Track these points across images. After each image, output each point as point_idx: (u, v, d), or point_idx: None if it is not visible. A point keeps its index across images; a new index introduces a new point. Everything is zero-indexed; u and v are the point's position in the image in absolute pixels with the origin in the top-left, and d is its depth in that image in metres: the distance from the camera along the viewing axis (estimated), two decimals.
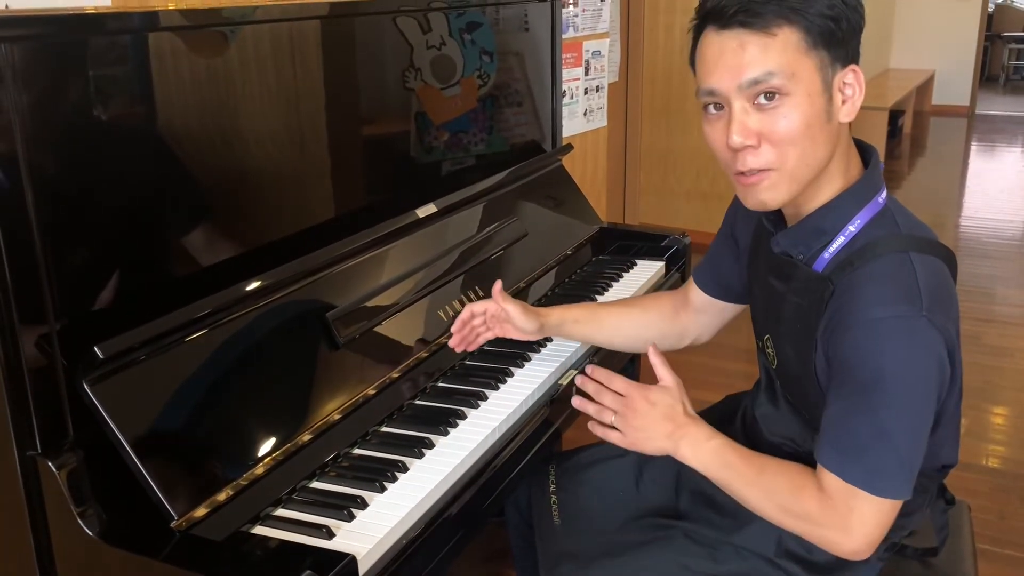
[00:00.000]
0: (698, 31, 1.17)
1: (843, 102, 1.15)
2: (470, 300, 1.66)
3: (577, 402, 1.32)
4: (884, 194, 1.20)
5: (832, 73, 1.13)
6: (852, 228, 1.17)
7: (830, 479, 1.12)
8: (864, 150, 1.24)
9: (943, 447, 1.24)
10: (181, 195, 1.26)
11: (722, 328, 1.57)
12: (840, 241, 1.17)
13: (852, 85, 1.15)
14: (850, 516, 1.11)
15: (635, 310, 1.58)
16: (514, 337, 1.54)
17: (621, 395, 1.28)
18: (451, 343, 1.54)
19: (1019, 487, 2.55)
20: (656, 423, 1.25)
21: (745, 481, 1.20)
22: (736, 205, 1.45)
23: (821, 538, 1.16)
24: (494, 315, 1.53)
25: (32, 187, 1.01)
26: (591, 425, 1.31)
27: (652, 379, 1.30)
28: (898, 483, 1.11)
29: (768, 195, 1.16)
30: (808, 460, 1.19)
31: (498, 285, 1.52)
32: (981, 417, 2.95)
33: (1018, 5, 10.25)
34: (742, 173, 1.15)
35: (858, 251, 1.15)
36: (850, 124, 1.19)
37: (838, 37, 1.12)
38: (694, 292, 1.53)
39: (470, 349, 1.56)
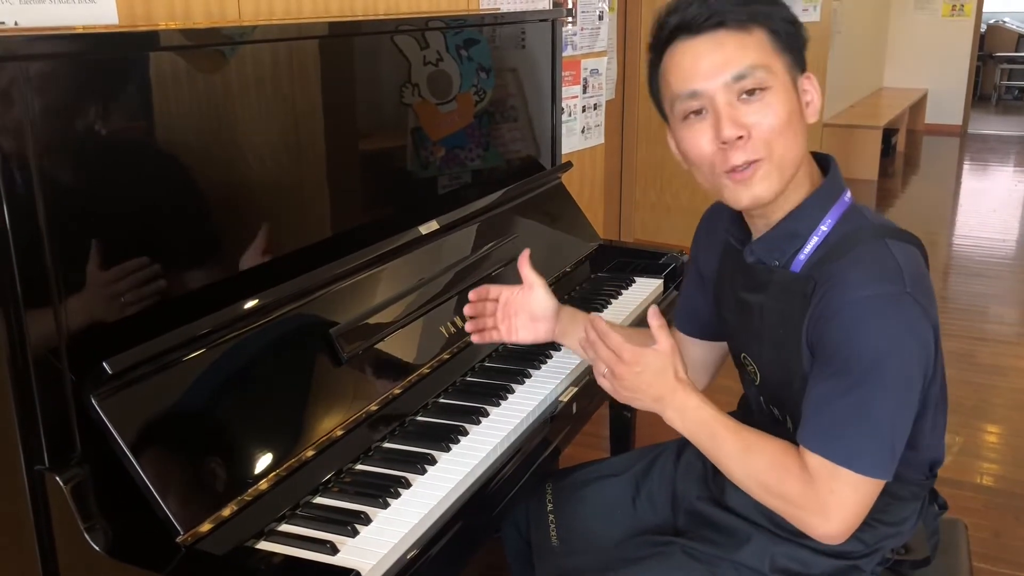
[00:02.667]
0: (663, 48, 1.20)
1: (806, 104, 1.21)
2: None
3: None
4: (848, 194, 1.24)
5: (796, 75, 1.19)
6: (824, 227, 1.20)
7: (812, 459, 1.13)
8: (820, 158, 1.28)
9: (929, 441, 1.24)
10: (188, 212, 1.27)
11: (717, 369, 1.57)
12: (814, 241, 1.20)
13: (810, 90, 1.21)
14: (830, 498, 1.12)
15: (642, 337, 1.57)
16: (521, 339, 1.52)
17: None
18: (466, 312, 1.54)
19: (1014, 505, 2.56)
20: (645, 385, 1.24)
21: (730, 455, 1.21)
22: (697, 239, 1.48)
23: (800, 519, 1.16)
24: (509, 303, 1.51)
25: (44, 202, 1.02)
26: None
27: None
28: (879, 461, 1.12)
29: (762, 186, 1.17)
30: None
31: (526, 253, 1.50)
32: (975, 435, 2.97)
33: (1010, 25, 10.34)
34: (733, 170, 1.16)
35: (834, 246, 1.18)
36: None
37: (796, 43, 1.19)
38: (678, 336, 1.54)
39: (477, 341, 1.54)
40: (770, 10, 1.17)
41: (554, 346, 1.70)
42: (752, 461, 1.19)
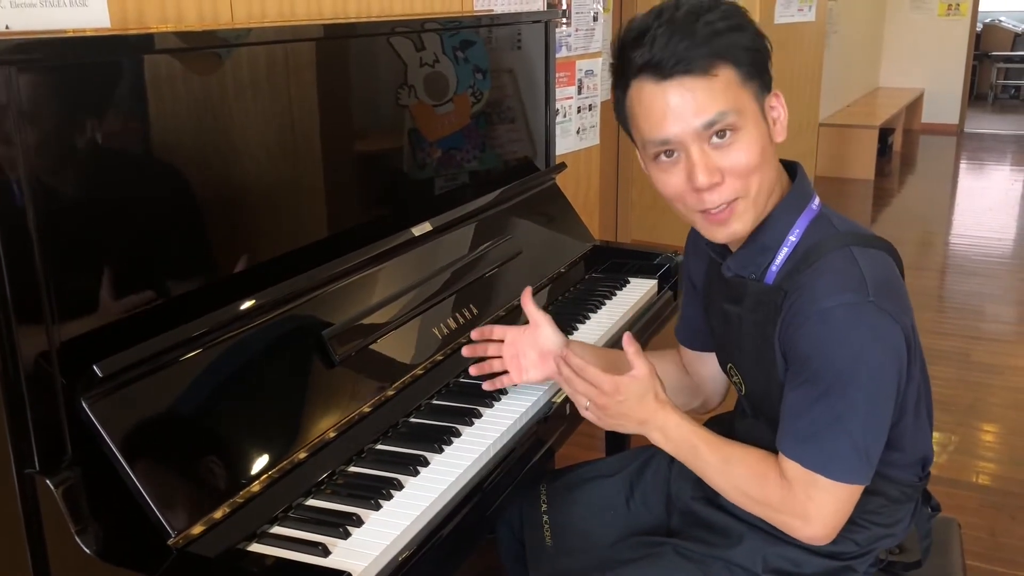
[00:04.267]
0: (627, 81, 1.18)
1: (773, 123, 1.20)
2: (464, 318, 1.67)
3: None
4: (816, 200, 1.25)
5: (762, 100, 1.18)
6: (792, 238, 1.22)
7: (790, 466, 1.16)
8: (788, 166, 1.28)
9: (914, 440, 1.25)
10: (179, 214, 1.27)
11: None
12: (784, 252, 1.22)
13: (777, 107, 1.21)
14: (808, 503, 1.15)
15: (619, 356, 1.52)
16: (532, 378, 1.46)
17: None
18: (464, 351, 1.51)
19: (1009, 504, 2.56)
20: (629, 411, 1.27)
21: (712, 468, 1.24)
22: (686, 252, 1.49)
23: (782, 523, 1.20)
24: (516, 344, 1.47)
25: (33, 206, 1.02)
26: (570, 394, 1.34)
27: None
28: (853, 467, 1.14)
29: (738, 225, 1.20)
30: None
31: (528, 291, 1.47)
32: (971, 434, 2.97)
33: (1006, 24, 10.35)
34: (707, 212, 1.18)
35: (802, 256, 1.19)
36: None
37: (761, 66, 1.17)
38: (682, 351, 1.54)
39: (488, 388, 1.50)
40: (732, 40, 1.13)
41: None
42: (732, 471, 1.22)
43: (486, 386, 1.51)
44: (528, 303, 1.46)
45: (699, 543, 1.34)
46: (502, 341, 1.50)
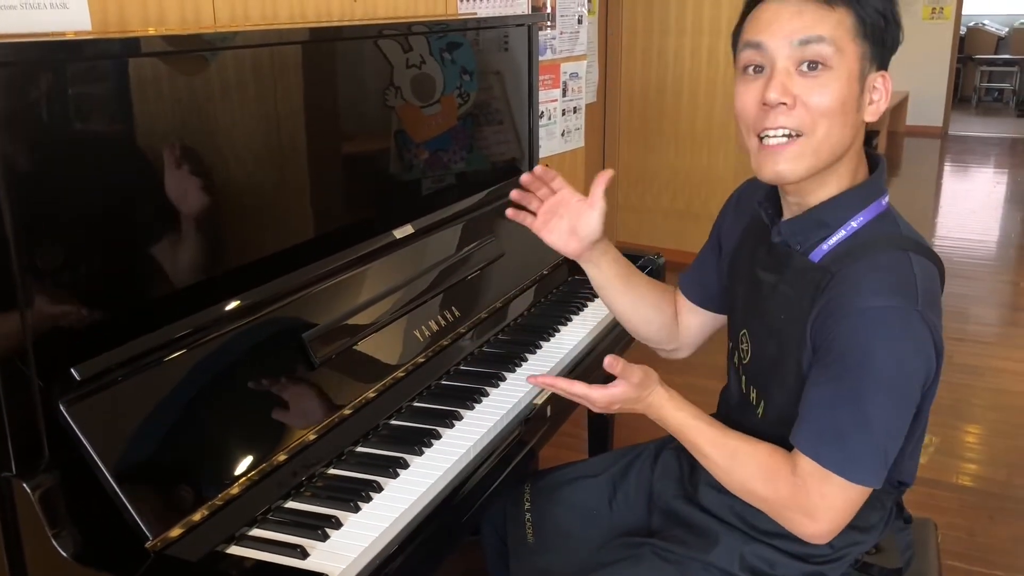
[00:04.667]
0: (754, 3, 1.20)
1: (870, 102, 1.19)
2: (446, 320, 1.68)
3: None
4: (887, 198, 1.24)
5: (869, 69, 1.17)
6: (854, 224, 1.20)
7: (805, 462, 1.14)
8: (872, 158, 1.27)
9: (903, 459, 1.26)
10: (160, 216, 1.27)
11: (699, 349, 1.59)
12: (841, 235, 1.20)
13: (880, 90, 1.20)
14: (820, 501, 1.14)
15: (656, 289, 1.54)
16: (550, 239, 1.42)
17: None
18: (522, 179, 1.45)
19: (988, 504, 2.59)
20: (625, 410, 1.30)
21: (714, 464, 1.24)
22: (725, 210, 1.48)
23: (787, 519, 1.18)
24: (564, 203, 1.42)
25: (10, 207, 1.02)
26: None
27: None
28: (872, 471, 1.13)
29: (788, 166, 1.17)
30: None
31: (609, 173, 1.41)
32: (951, 435, 2.99)
33: (989, 28, 10.43)
34: (768, 136, 1.16)
35: (859, 245, 1.18)
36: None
37: (882, 37, 1.17)
38: (679, 297, 1.55)
39: (510, 215, 1.45)
40: (873, 2, 1.15)
41: (529, 350, 1.71)
42: (739, 468, 1.22)
43: (509, 213, 1.45)
44: (601, 184, 1.40)
45: (678, 543, 1.35)
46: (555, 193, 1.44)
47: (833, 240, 1.20)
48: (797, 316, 1.20)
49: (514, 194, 1.46)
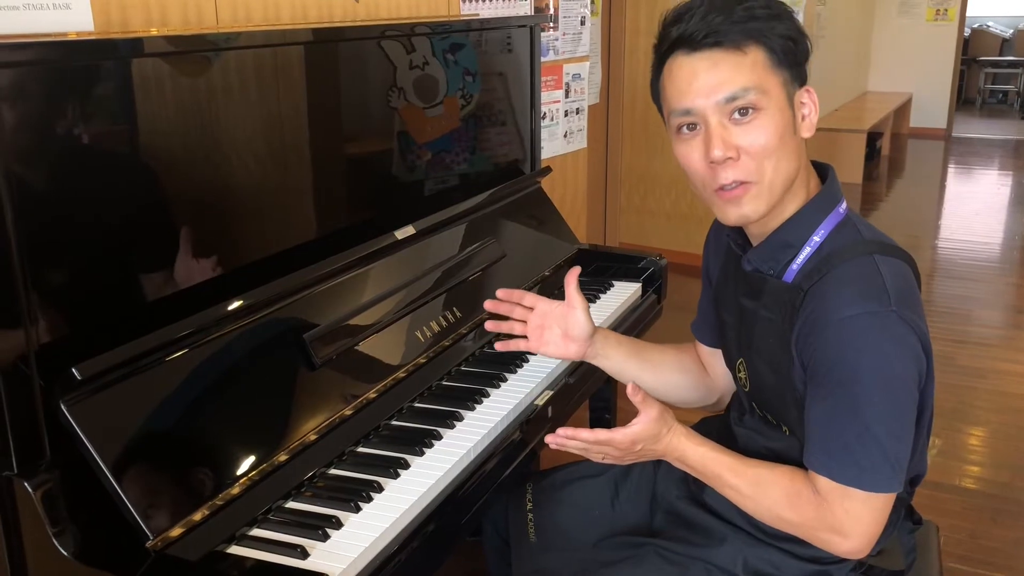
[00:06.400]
0: (663, 59, 1.22)
1: (802, 119, 1.21)
2: (448, 321, 1.68)
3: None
4: (844, 204, 1.25)
5: (793, 90, 1.19)
6: (816, 238, 1.21)
7: (822, 482, 1.15)
8: (820, 167, 1.29)
9: (915, 454, 1.25)
10: (162, 216, 1.27)
11: None
12: (806, 252, 1.21)
13: (808, 104, 1.21)
14: (845, 517, 1.15)
15: (671, 352, 1.55)
16: (550, 353, 1.47)
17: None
18: (487, 305, 1.48)
19: (990, 507, 2.58)
20: (648, 453, 1.29)
21: (739, 495, 1.24)
22: (707, 244, 1.49)
23: (821, 541, 1.19)
24: (547, 316, 1.46)
25: (12, 208, 1.02)
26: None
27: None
28: (887, 476, 1.14)
29: (749, 207, 1.20)
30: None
31: (575, 271, 1.46)
32: (954, 437, 2.99)
33: (993, 29, 10.41)
34: (722, 188, 1.19)
35: (824, 258, 1.19)
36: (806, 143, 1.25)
37: (796, 58, 1.18)
38: (697, 346, 1.55)
39: (500, 348, 1.50)
40: (769, 26, 1.16)
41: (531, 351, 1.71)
42: (763, 495, 1.22)
43: (499, 346, 1.50)
44: (572, 284, 1.45)
45: (681, 543, 1.35)
46: (530, 309, 1.49)
47: (800, 258, 1.22)
48: (780, 339, 1.22)
49: (489, 325, 1.52)
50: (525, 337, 1.50)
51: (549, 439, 1.28)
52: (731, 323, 1.37)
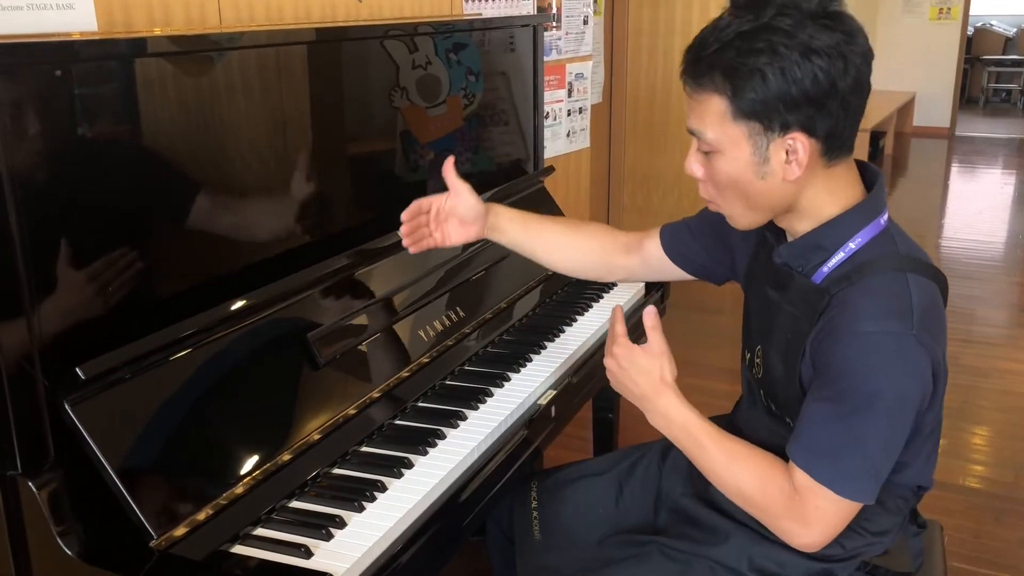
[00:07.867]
0: None
1: (785, 163, 1.14)
2: (451, 321, 1.68)
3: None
4: (886, 216, 1.23)
5: (768, 140, 1.13)
6: (852, 245, 1.20)
7: (800, 476, 1.16)
8: (868, 172, 1.26)
9: (920, 465, 1.27)
10: (165, 216, 1.27)
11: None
12: (840, 257, 1.20)
13: (794, 151, 1.13)
14: (813, 512, 1.16)
15: (580, 236, 1.59)
16: (455, 241, 1.53)
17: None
18: (402, 232, 1.52)
19: (995, 506, 2.58)
20: (630, 382, 1.29)
21: (715, 462, 1.24)
22: None
23: (780, 528, 1.20)
24: (440, 211, 1.52)
25: (16, 207, 1.03)
26: None
27: None
28: (864, 487, 1.16)
29: (734, 221, 1.24)
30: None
31: (451, 159, 1.50)
32: (959, 437, 2.98)
33: (997, 28, 10.40)
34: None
35: (857, 267, 1.18)
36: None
37: (774, 110, 1.11)
38: (653, 244, 1.55)
39: (414, 250, 1.53)
40: (740, 79, 1.09)
41: (534, 350, 1.71)
42: (737, 471, 1.22)
43: (412, 249, 1.53)
44: (449, 172, 1.50)
45: (685, 540, 1.35)
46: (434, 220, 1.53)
47: (832, 262, 1.20)
48: (797, 336, 1.22)
49: (406, 242, 1.53)
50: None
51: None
52: (754, 309, 1.36)
